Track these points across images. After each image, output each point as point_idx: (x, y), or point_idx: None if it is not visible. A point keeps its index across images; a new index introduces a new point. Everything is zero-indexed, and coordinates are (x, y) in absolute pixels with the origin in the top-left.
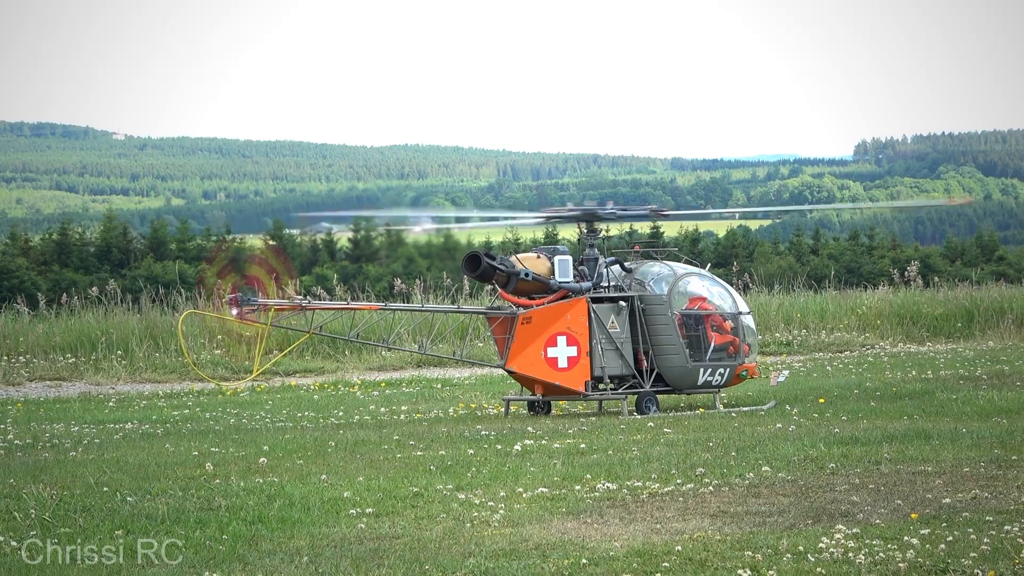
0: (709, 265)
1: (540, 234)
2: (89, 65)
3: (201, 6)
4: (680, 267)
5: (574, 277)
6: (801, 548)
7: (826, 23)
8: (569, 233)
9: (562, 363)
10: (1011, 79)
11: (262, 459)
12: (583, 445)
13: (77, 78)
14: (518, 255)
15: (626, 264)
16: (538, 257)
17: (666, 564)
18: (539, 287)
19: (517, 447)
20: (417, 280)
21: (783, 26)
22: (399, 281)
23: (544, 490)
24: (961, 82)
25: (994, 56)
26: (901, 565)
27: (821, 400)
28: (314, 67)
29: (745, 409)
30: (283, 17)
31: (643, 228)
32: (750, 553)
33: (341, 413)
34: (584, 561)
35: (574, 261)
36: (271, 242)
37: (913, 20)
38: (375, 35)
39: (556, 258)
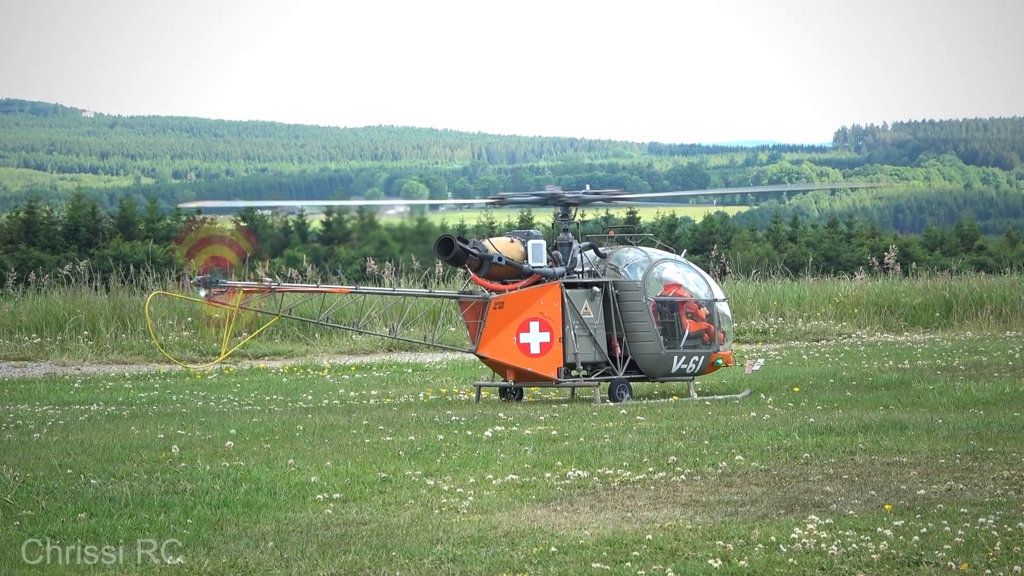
0: (685, 251)
1: (515, 218)
2: (59, 42)
3: None
4: (655, 253)
5: (547, 262)
6: (773, 538)
7: (807, 7)
8: (544, 217)
9: (534, 349)
10: (995, 67)
11: (229, 442)
12: (554, 432)
13: (47, 55)
14: (491, 239)
15: (600, 249)
16: (511, 241)
17: (636, 553)
18: (512, 272)
19: (488, 433)
20: (388, 263)
21: (764, 9)
22: (372, 262)
23: (514, 477)
24: (944, 69)
25: (978, 43)
26: (874, 556)
27: (796, 389)
28: (287, 47)
29: (719, 397)
30: None
31: (619, 213)
32: (721, 543)
33: (310, 397)
34: (553, 549)
35: (548, 246)
36: (242, 223)
37: (896, 5)
38: (349, 15)
39: (529, 242)
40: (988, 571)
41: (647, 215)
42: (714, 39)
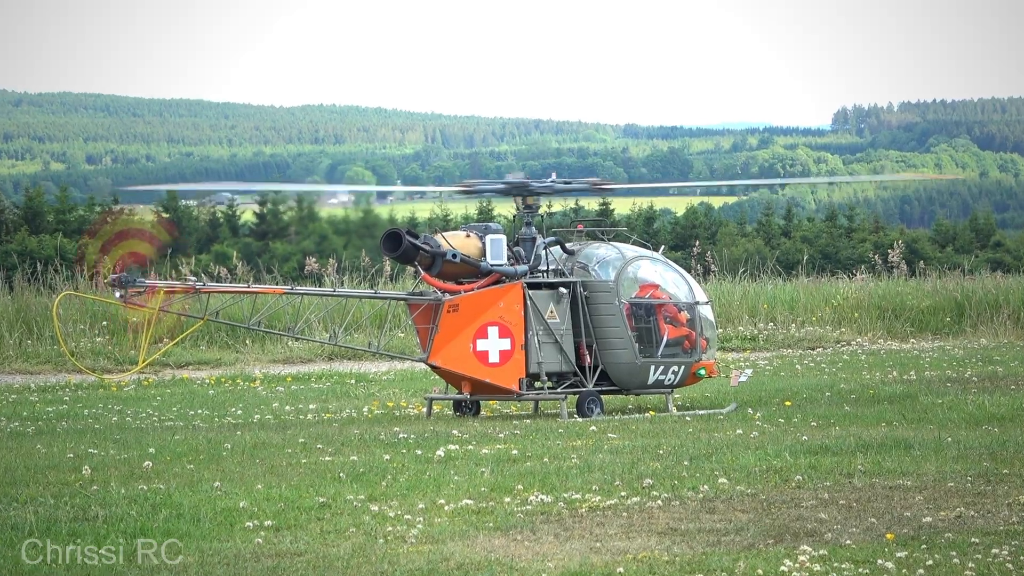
0: (663, 248)
1: (472, 209)
2: None
3: None
4: (630, 249)
5: (508, 259)
6: (761, 571)
7: None
8: (505, 209)
9: (493, 357)
10: (1011, 41)
11: (147, 463)
12: (515, 451)
13: None
14: (444, 233)
15: (568, 245)
16: (467, 236)
17: None
18: (468, 270)
19: (440, 453)
20: (330, 260)
21: None
22: (313, 260)
23: (469, 502)
24: (957, 43)
25: (995, 14)
26: None
27: (788, 403)
28: (215, 15)
29: (701, 412)
30: None
31: (590, 204)
32: None
33: (239, 411)
34: None
35: (509, 241)
36: (164, 214)
37: None
38: None
39: (488, 237)
40: None
41: (622, 207)
42: (696, 8)
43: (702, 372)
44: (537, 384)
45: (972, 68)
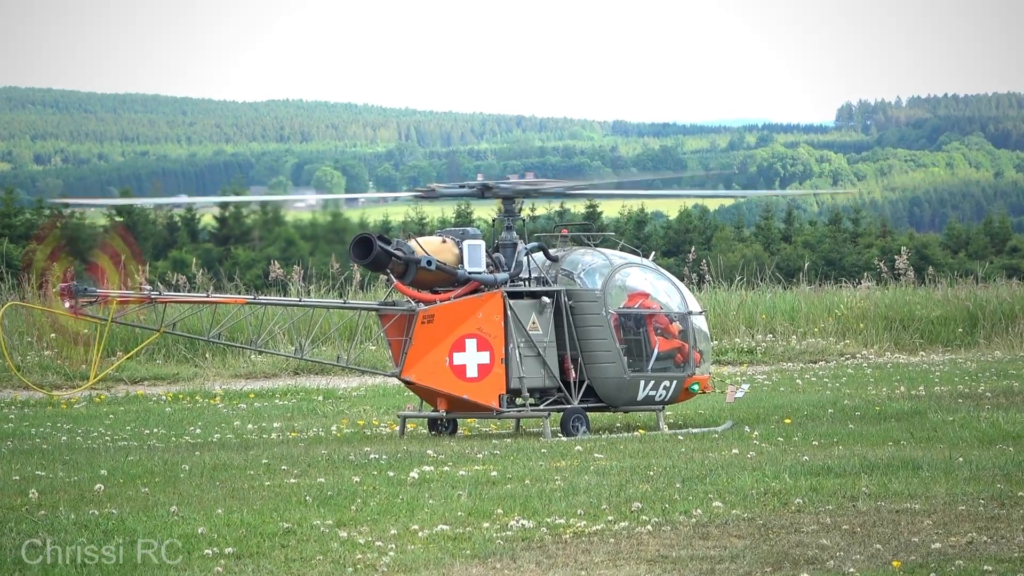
0: (654, 254)
1: (450, 212)
2: None
3: None
4: (617, 256)
5: (487, 266)
6: None
7: None
8: (485, 212)
9: (471, 372)
10: None
11: (99, 486)
12: (495, 473)
13: None
14: (419, 239)
15: (552, 251)
16: (443, 241)
17: None
18: (444, 278)
19: (413, 474)
20: (296, 267)
21: None
22: (276, 265)
23: (445, 527)
24: (968, 34)
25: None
26: None
27: (788, 421)
28: (173, 4)
29: (695, 431)
30: None
31: (577, 207)
32: None
33: (198, 430)
34: None
35: (488, 247)
36: (117, 218)
37: None
38: None
39: (465, 243)
40: None
41: (610, 209)
42: None
43: (695, 387)
44: (518, 401)
45: (986, 60)
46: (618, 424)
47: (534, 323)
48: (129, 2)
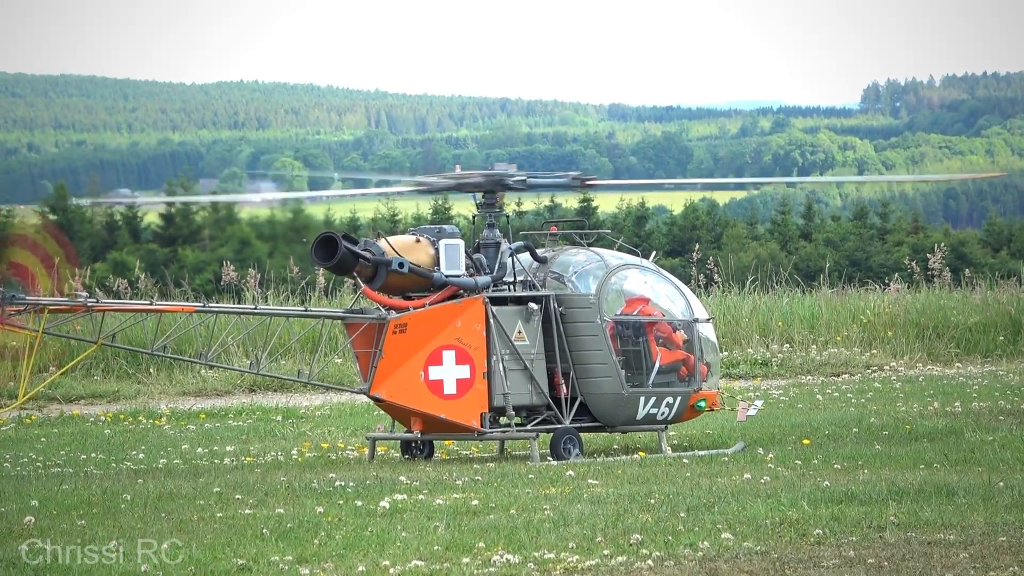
0: (655, 254)
1: (425, 209)
2: None
3: None
4: (614, 256)
5: (467, 269)
6: None
7: None
8: (465, 208)
9: (449, 388)
10: None
11: (29, 518)
12: (476, 501)
13: None
14: (390, 238)
15: (540, 252)
16: (417, 241)
17: None
18: (418, 282)
19: (384, 504)
20: (252, 270)
21: None
22: (229, 268)
23: (420, 563)
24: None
25: None
26: None
27: (806, 442)
28: None
29: (702, 453)
30: None
31: (569, 202)
32: None
33: (141, 455)
34: None
35: (468, 247)
36: (50, 216)
37: None
38: None
39: (442, 242)
40: None
41: (606, 203)
42: None
43: (702, 404)
44: (503, 420)
45: None
46: (615, 446)
47: (520, 332)
48: None
